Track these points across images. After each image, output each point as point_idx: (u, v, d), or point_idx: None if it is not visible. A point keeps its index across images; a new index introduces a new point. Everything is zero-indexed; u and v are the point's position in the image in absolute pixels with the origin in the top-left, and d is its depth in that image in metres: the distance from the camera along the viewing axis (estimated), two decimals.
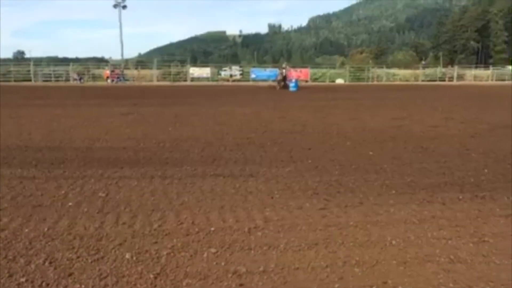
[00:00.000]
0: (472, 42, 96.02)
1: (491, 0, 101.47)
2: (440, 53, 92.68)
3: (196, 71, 44.04)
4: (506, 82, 47.22)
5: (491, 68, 56.52)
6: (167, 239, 3.66)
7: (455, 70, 49.91)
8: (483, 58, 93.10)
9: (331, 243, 3.56)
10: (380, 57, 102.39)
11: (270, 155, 7.37)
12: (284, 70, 31.50)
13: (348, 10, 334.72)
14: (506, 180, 5.70)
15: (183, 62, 47.81)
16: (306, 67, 49.91)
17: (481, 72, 55.47)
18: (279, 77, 31.42)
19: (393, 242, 3.58)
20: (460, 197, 4.88)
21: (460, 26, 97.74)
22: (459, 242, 3.56)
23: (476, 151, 7.78)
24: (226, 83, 40.82)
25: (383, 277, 2.98)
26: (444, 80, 47.11)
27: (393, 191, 5.13)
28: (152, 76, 42.51)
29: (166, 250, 3.45)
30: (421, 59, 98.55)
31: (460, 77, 48.85)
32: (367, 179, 5.75)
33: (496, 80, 49.35)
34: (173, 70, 44.02)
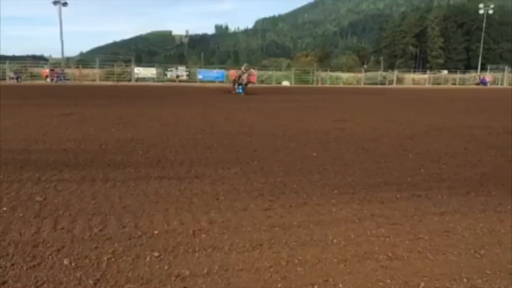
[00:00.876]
0: (410, 47, 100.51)
1: (429, 7, 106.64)
2: (381, 57, 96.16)
3: (141, 71, 43.14)
4: (442, 86, 49.76)
5: (428, 72, 59.37)
6: (108, 244, 3.56)
7: (394, 74, 51.94)
8: (421, 63, 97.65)
9: (275, 244, 3.60)
10: (324, 60, 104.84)
11: (216, 156, 7.35)
12: (245, 74, 27.17)
13: (293, 14, 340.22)
14: (440, 180, 6.00)
15: (127, 62, 46.62)
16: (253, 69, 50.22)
17: (419, 76, 58.20)
18: (236, 79, 27.95)
19: (335, 240, 3.67)
20: (398, 196, 5.08)
21: (399, 32, 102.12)
22: (397, 239, 3.71)
23: (413, 152, 8.12)
24: (172, 83, 40.27)
25: (325, 276, 3.05)
26: (384, 84, 48.88)
27: (335, 191, 5.27)
28: (94, 75, 41.20)
29: (107, 255, 3.36)
30: (363, 63, 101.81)
31: (400, 80, 50.89)
32: (311, 179, 5.87)
33: (432, 84, 51.83)
34: (117, 69, 42.81)
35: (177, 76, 43.36)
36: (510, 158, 7.57)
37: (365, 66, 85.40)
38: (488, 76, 55.77)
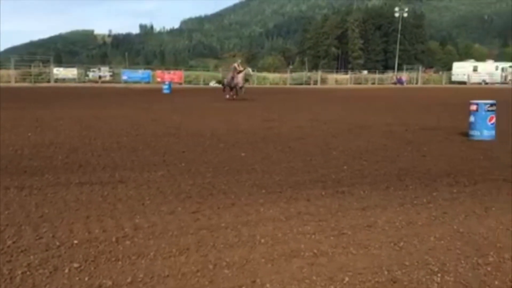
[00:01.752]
0: (333, 49, 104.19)
1: (349, 9, 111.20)
2: (306, 58, 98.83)
3: (61, 72, 41.12)
4: (362, 86, 52.05)
5: (349, 72, 61.92)
6: (23, 257, 3.31)
7: (319, 75, 53.60)
8: (343, 63, 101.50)
9: (202, 247, 3.53)
10: (251, 61, 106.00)
11: (142, 159, 7.14)
12: (240, 73, 22.36)
13: (219, 15, 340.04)
14: (362, 176, 6.23)
15: (45, 62, 44.16)
16: (179, 69, 49.62)
17: (341, 76, 60.48)
18: (229, 81, 22.53)
19: (262, 240, 3.67)
20: (323, 193, 5.20)
21: (322, 33, 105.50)
22: (322, 236, 3.78)
23: (337, 149, 8.39)
24: (94, 84, 38.69)
25: (252, 276, 3.03)
26: (309, 84, 50.28)
27: (263, 191, 5.29)
28: (9, 76, 38.56)
29: (22, 268, 3.11)
30: (289, 64, 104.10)
31: (323, 80, 52.57)
32: (239, 179, 5.86)
33: (353, 83, 54.08)
34: (34, 70, 40.41)
35: (100, 77, 41.77)
36: (425, 153, 8.04)
37: (291, 66, 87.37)
38: (404, 75, 59.18)
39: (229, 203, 4.74)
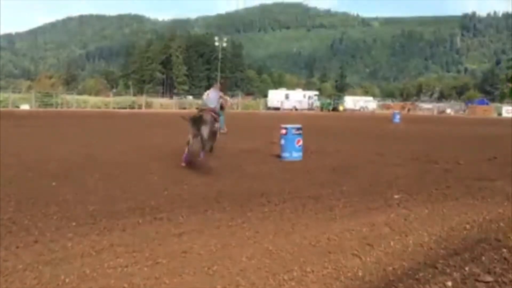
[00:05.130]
0: (158, 73, 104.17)
1: (172, 36, 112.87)
2: (130, 82, 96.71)
3: None
4: (187, 110, 52.94)
5: (174, 97, 62.58)
6: None
7: (144, 99, 52.83)
8: (168, 88, 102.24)
9: None
10: (71, 83, 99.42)
11: None
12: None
13: (33, 32, 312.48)
14: (182, 200, 6.19)
15: None
16: None
17: (166, 101, 60.68)
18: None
19: (67, 280, 3.31)
20: (140, 221, 4.99)
21: (146, 58, 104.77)
22: (135, 267, 3.58)
23: (157, 174, 8.24)
24: None
25: None
26: (134, 108, 49.16)
27: (74, 223, 4.84)
28: None
29: None
30: (112, 87, 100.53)
31: (149, 105, 51.96)
32: (46, 213, 5.28)
33: (179, 108, 54.62)
34: None
35: None
36: (242, 175, 8.41)
37: (114, 90, 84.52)
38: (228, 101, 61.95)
39: (31, 241, 4.21)
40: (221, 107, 11.02)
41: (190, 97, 75.20)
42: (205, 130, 8.99)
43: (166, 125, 24.26)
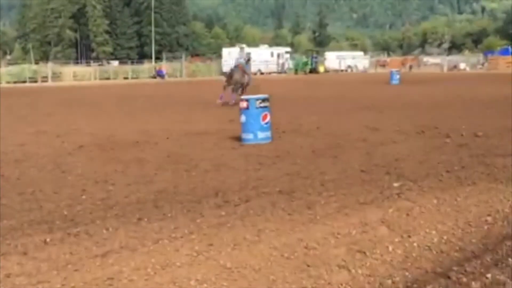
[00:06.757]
0: (68, 32, 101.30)
1: None
2: (30, 45, 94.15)
3: None
4: (112, 81, 52.16)
5: (93, 64, 61.47)
6: None
7: (49, 68, 51.78)
8: (84, 52, 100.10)
9: None
10: None
11: None
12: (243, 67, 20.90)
13: None
14: (106, 207, 6.11)
15: None
16: None
17: (82, 69, 59.60)
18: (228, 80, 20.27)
19: None
20: (48, 239, 4.89)
21: (51, 10, 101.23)
22: None
23: (73, 173, 8.12)
24: None
25: None
26: (36, 81, 48.13)
27: None
28: None
29: None
30: (5, 53, 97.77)
31: (57, 76, 51.00)
32: None
33: (100, 78, 53.80)
34: None
35: None
36: (190, 167, 8.38)
37: (8, 57, 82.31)
38: (164, 66, 61.39)
39: None
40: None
41: (116, 63, 73.97)
42: (237, 74, 19.57)
43: (83, 104, 23.85)
